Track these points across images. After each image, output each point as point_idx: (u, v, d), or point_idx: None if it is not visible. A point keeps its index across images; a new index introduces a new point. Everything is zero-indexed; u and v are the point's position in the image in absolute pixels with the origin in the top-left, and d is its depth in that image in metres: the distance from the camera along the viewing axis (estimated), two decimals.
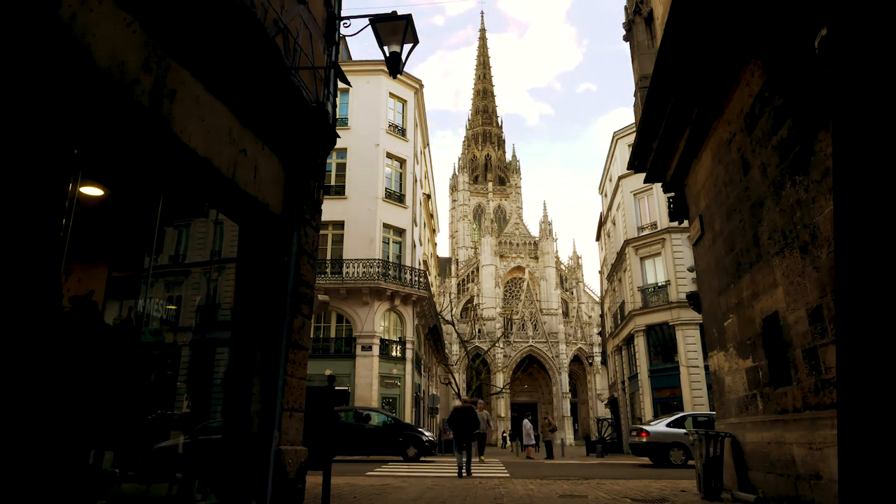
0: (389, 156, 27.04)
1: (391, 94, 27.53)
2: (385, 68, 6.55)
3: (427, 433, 18.70)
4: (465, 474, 11.88)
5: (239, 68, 4.87)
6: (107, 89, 3.48)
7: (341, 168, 25.89)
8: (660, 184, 10.33)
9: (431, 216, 41.12)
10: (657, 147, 9.15)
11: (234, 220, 5.64)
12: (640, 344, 27.64)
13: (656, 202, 26.52)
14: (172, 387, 5.46)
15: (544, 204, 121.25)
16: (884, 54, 2.78)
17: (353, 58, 28.24)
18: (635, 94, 10.97)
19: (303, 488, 5.96)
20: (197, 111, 4.43)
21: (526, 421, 25.46)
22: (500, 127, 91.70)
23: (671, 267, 26.17)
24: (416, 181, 28.89)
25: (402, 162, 27.64)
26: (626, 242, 28.91)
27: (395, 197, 26.85)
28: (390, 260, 25.75)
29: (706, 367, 18.78)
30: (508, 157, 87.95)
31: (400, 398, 24.99)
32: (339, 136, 7.03)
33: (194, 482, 5.05)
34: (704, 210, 8.57)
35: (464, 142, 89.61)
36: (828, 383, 5.08)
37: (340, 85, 7.79)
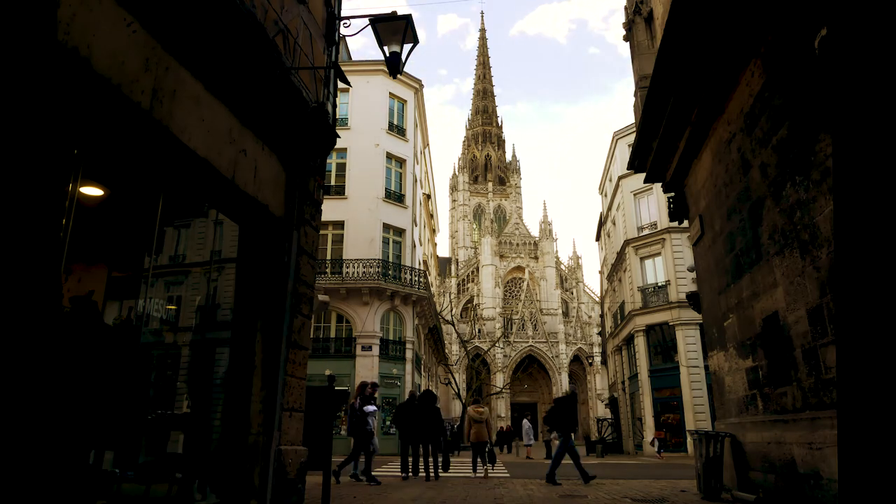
0: (389, 156, 27.02)
1: (391, 94, 27.52)
2: (385, 68, 6.54)
3: None
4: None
5: (239, 68, 4.87)
6: (107, 89, 3.48)
7: (341, 168, 25.88)
8: (660, 184, 10.33)
9: (431, 216, 41.12)
10: (657, 147, 9.15)
11: (234, 220, 5.64)
12: (640, 344, 27.64)
13: (656, 202, 26.51)
14: (172, 387, 5.46)
15: (544, 204, 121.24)
16: (884, 54, 2.78)
17: (353, 58, 28.24)
18: (635, 94, 10.97)
19: (303, 488, 5.96)
20: (197, 111, 4.43)
21: (525, 421, 25.44)
22: (500, 127, 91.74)
23: (671, 267, 26.16)
24: (416, 181, 28.88)
25: (402, 162, 27.62)
26: (626, 242, 28.90)
27: (395, 197, 26.84)
28: (390, 260, 25.74)
29: (706, 367, 18.77)
30: (508, 157, 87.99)
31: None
32: (339, 136, 7.02)
33: (194, 482, 5.05)
34: (704, 210, 8.56)
35: (464, 142, 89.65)
36: (828, 383, 5.08)
37: (340, 85, 7.79)
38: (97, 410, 4.05)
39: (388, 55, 6.09)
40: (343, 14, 7.60)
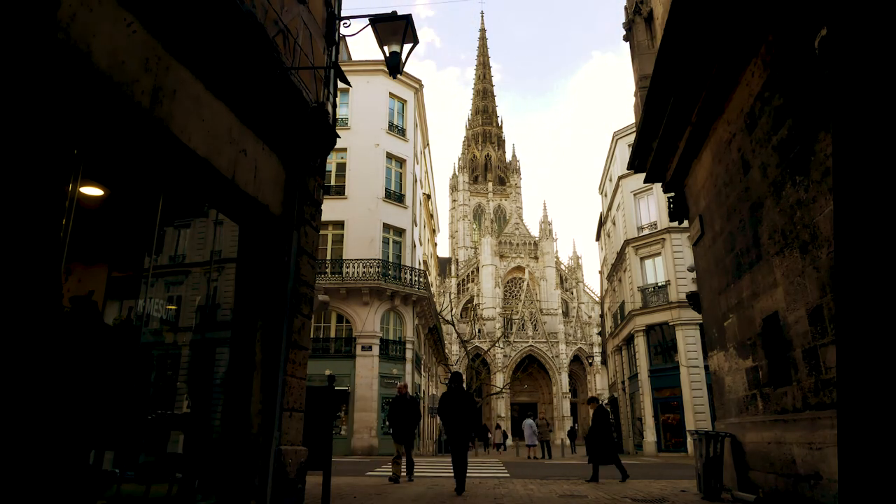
0: (389, 156, 27.02)
1: (391, 94, 27.52)
2: (385, 68, 6.54)
3: None
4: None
5: (239, 68, 4.87)
6: (107, 89, 3.48)
7: (341, 168, 25.88)
8: (660, 184, 10.33)
9: (431, 216, 41.11)
10: (657, 147, 9.15)
11: (234, 220, 5.64)
12: (640, 344, 27.63)
13: (656, 202, 26.52)
14: (172, 387, 5.45)
15: (544, 204, 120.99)
16: (884, 54, 2.78)
17: (353, 58, 28.24)
18: (635, 94, 10.97)
19: (303, 488, 5.96)
20: (197, 111, 4.43)
21: (528, 420, 25.39)
22: (500, 127, 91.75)
23: (671, 267, 26.16)
24: (416, 181, 28.88)
25: (402, 162, 27.63)
26: (626, 242, 28.90)
27: (395, 197, 26.84)
28: (390, 260, 25.74)
29: (706, 367, 18.77)
30: (508, 156, 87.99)
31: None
32: (339, 136, 7.02)
33: (194, 482, 5.05)
34: (704, 210, 8.56)
35: (464, 142, 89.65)
36: (828, 383, 5.08)
37: (340, 85, 7.79)
38: (97, 410, 4.05)
39: (387, 55, 6.09)
40: (343, 14, 7.60)
